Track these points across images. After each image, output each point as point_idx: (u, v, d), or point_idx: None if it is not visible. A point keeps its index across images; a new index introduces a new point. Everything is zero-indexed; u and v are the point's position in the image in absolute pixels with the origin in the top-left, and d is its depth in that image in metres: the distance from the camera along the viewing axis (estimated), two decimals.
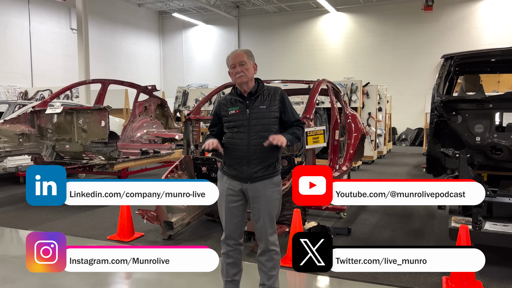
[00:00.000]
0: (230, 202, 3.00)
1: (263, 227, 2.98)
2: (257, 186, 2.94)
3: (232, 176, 3.00)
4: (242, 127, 2.95)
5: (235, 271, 3.09)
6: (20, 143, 6.72)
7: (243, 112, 2.97)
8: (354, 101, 11.15)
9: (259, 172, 2.93)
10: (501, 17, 17.58)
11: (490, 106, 4.41)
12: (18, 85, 15.42)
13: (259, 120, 2.95)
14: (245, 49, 3.03)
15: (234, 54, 3.01)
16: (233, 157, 2.99)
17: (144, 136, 8.81)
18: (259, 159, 2.92)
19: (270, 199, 2.96)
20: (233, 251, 3.06)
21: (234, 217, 3.01)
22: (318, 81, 5.52)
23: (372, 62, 19.82)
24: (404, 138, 19.12)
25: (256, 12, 22.03)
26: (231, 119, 3.00)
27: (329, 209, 5.84)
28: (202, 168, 5.33)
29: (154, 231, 5.09)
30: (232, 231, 3.03)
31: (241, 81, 2.96)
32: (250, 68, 2.98)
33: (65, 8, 17.62)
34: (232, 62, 2.99)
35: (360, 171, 10.50)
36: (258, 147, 2.91)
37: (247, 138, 2.93)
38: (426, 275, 3.78)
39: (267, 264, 3.01)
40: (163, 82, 24.24)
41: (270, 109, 2.97)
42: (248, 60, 2.97)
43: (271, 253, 3.01)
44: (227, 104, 3.05)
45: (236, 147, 2.97)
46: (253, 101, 2.98)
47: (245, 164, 2.93)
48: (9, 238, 5.13)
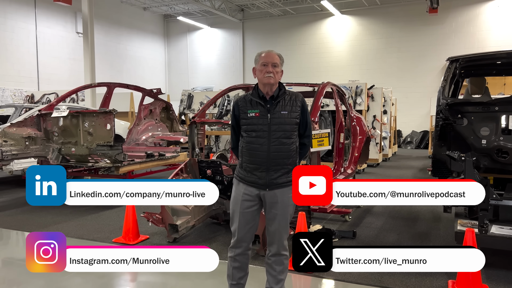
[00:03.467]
0: (245, 208, 2.93)
1: (277, 231, 2.94)
2: (275, 192, 2.88)
3: (249, 183, 2.91)
4: (261, 132, 2.85)
5: (241, 275, 3.06)
6: (26, 146, 6.77)
7: (263, 116, 2.86)
8: (359, 104, 11.13)
9: (279, 179, 2.86)
10: (507, 19, 17.50)
11: (496, 109, 4.39)
12: (25, 89, 15.54)
13: (280, 125, 2.86)
14: (278, 53, 2.97)
15: (269, 53, 2.93)
16: (251, 163, 2.89)
17: (149, 139, 8.84)
18: (278, 165, 2.85)
19: (287, 205, 2.91)
20: (241, 255, 3.01)
21: (247, 222, 2.95)
22: (323, 84, 5.52)
23: (377, 64, 19.78)
24: (410, 141, 19.05)
25: (261, 15, 22.08)
26: (250, 122, 2.89)
27: (334, 212, 5.84)
28: (207, 171, 5.33)
29: (159, 234, 5.10)
30: (243, 236, 2.97)
31: (269, 81, 2.86)
32: (279, 72, 2.93)
33: (71, 12, 17.77)
34: (265, 60, 2.89)
35: (365, 174, 10.47)
36: (278, 153, 2.84)
37: (267, 143, 2.83)
38: (432, 279, 3.76)
39: (276, 268, 2.98)
40: (168, 85, 24.34)
41: (292, 115, 2.89)
42: (280, 64, 2.93)
43: (282, 257, 2.98)
44: (246, 105, 2.93)
45: (255, 152, 2.87)
46: (275, 105, 2.88)
47: (264, 171, 2.86)
48: (15, 240, 5.16)
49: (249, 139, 2.90)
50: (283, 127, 2.86)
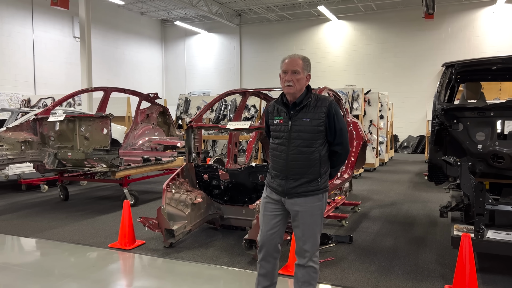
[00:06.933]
0: (267, 210, 2.91)
1: (300, 241, 2.84)
2: (296, 201, 2.80)
3: (272, 188, 2.90)
4: (283, 139, 2.80)
5: (266, 284, 2.96)
6: (22, 150, 6.75)
7: (285, 123, 2.80)
8: (355, 109, 11.17)
9: (298, 188, 2.77)
10: (502, 25, 17.64)
11: (491, 114, 4.41)
12: (21, 93, 15.52)
13: (300, 134, 2.75)
14: (303, 56, 2.81)
15: (291, 59, 2.78)
16: (274, 169, 2.88)
17: (146, 143, 8.82)
18: (297, 174, 2.76)
19: (310, 215, 2.80)
20: (264, 261, 2.94)
21: (267, 227, 2.89)
22: (320, 89, 5.54)
23: (374, 69, 19.87)
24: (406, 145, 19.10)
25: (258, 21, 22.15)
26: (275, 128, 2.87)
27: (330, 217, 5.84)
28: (204, 175, 5.33)
29: (155, 239, 5.08)
30: (265, 241, 2.90)
31: (288, 91, 2.76)
32: (302, 79, 2.76)
33: (68, 16, 17.77)
34: (286, 68, 2.77)
35: (362, 178, 10.48)
36: (297, 162, 2.75)
37: (286, 151, 2.78)
38: (429, 283, 3.76)
39: (301, 279, 2.87)
40: (165, 90, 24.34)
41: (313, 123, 2.74)
42: (302, 69, 2.76)
43: (309, 269, 2.84)
44: (273, 112, 2.91)
45: (276, 159, 2.85)
46: (297, 112, 2.78)
47: (284, 179, 2.81)
48: (10, 245, 5.13)
49: (273, 145, 2.90)
50: (302, 135, 2.75)
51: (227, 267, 4.20)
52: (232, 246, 4.84)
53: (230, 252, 4.63)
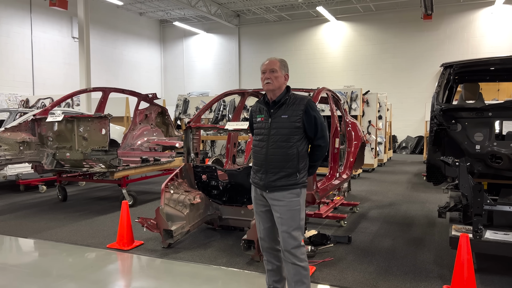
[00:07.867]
0: (258, 207, 3.11)
1: (284, 238, 2.93)
2: (275, 195, 2.95)
3: (254, 184, 3.09)
4: (263, 135, 3.00)
5: (276, 278, 3.15)
6: (20, 151, 6.74)
7: (266, 120, 3.01)
8: (354, 109, 11.17)
9: (277, 181, 2.93)
10: (500, 26, 17.68)
11: (489, 115, 4.42)
12: (20, 93, 15.49)
13: (279, 130, 2.94)
14: (280, 58, 3.05)
15: (269, 60, 3.03)
16: (255, 165, 3.06)
17: (144, 144, 8.82)
18: (276, 168, 2.93)
19: (290, 209, 2.92)
20: (270, 256, 3.12)
21: (262, 222, 3.10)
22: (318, 89, 5.54)
23: (372, 70, 19.89)
24: (405, 146, 19.12)
25: (257, 21, 22.15)
26: (257, 126, 3.09)
27: (329, 217, 5.84)
28: (202, 176, 5.33)
29: (154, 240, 5.08)
30: (264, 236, 3.10)
31: (268, 88, 2.99)
32: (279, 77, 2.98)
33: (66, 16, 17.74)
34: (264, 68, 3.01)
35: (360, 179, 10.49)
36: (275, 156, 2.92)
37: (266, 147, 2.96)
38: (427, 284, 3.76)
39: (292, 278, 2.94)
40: (164, 90, 24.32)
41: (291, 119, 2.93)
42: (280, 69, 2.99)
43: (297, 267, 2.91)
44: (256, 111, 3.12)
45: (257, 155, 3.03)
46: (277, 109, 2.98)
47: (264, 173, 2.97)
48: (8, 246, 5.12)
49: (255, 142, 3.08)
50: (281, 131, 2.93)
51: (225, 267, 4.20)
52: (230, 247, 4.84)
53: (229, 253, 4.62)
